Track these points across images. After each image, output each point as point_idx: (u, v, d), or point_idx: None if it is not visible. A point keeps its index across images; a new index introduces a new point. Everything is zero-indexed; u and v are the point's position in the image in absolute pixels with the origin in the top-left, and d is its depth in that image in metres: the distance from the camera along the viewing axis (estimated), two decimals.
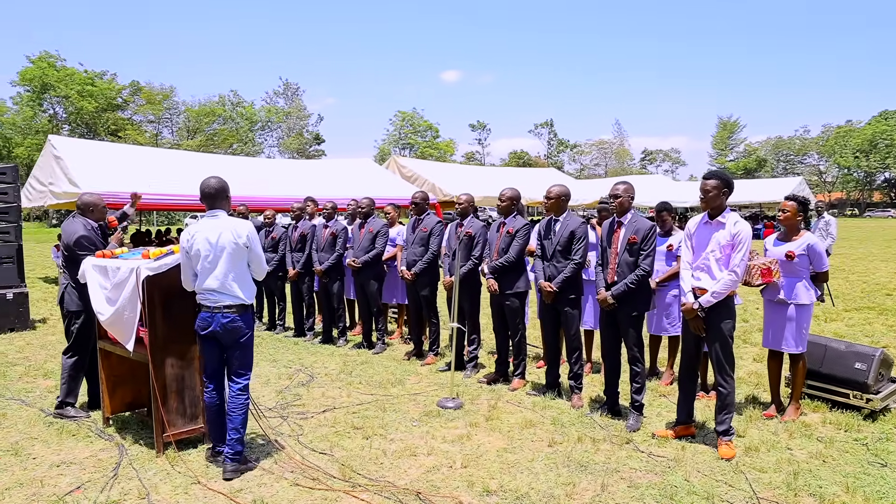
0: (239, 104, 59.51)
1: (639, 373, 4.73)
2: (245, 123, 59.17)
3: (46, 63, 45.13)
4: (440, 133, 66.58)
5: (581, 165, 73.04)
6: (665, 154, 71.74)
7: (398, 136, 66.91)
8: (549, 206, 5.30)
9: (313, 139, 66.81)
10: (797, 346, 4.75)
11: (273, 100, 63.42)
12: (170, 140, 55.86)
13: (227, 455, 3.88)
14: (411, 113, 65.83)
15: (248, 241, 3.91)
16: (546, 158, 70.34)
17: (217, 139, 55.99)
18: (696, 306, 4.17)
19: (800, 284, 4.74)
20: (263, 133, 62.59)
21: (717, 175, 4.23)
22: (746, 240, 4.10)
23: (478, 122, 71.13)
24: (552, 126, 72.01)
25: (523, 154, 68.03)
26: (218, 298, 3.86)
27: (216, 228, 3.86)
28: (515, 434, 4.54)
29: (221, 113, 57.20)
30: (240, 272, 3.91)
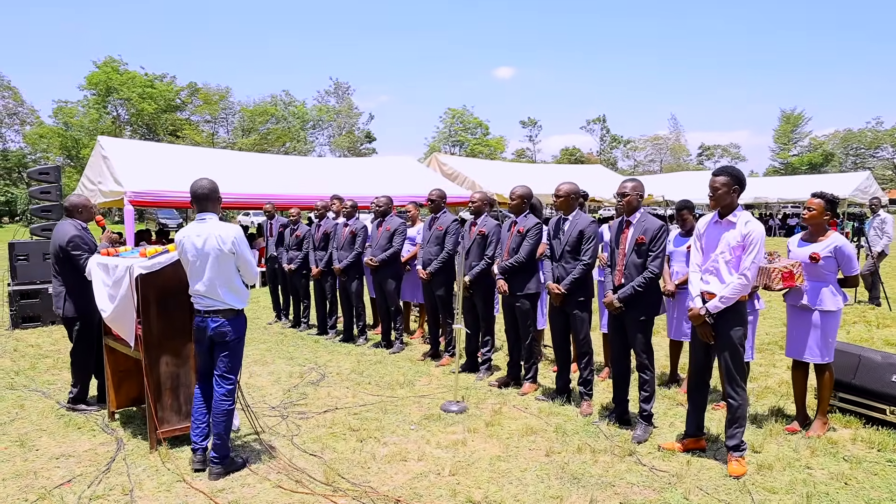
0: (291, 104, 60.66)
1: (647, 380, 4.48)
2: (297, 122, 60.28)
3: (110, 67, 47.19)
4: (490, 130, 66.20)
5: (635, 162, 71.15)
6: (723, 149, 69.11)
7: (448, 134, 66.82)
8: (558, 204, 5.08)
9: (364, 137, 67.50)
10: (822, 355, 4.40)
11: (324, 99, 64.38)
12: (225, 139, 57.47)
13: (212, 459, 3.86)
14: (461, 110, 65.61)
15: (233, 247, 3.85)
16: (598, 155, 68.91)
17: (270, 138, 57.23)
18: (703, 312, 3.90)
19: (825, 289, 4.38)
20: (315, 132, 63.60)
21: (727, 171, 3.94)
22: (758, 241, 3.80)
23: (528, 119, 70.26)
24: (605, 122, 70.53)
25: (575, 151, 66.81)
26: (207, 303, 3.84)
27: (202, 233, 3.83)
28: (514, 441, 4.38)
29: (274, 112, 58.43)
30: (227, 277, 3.86)
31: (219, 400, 3.89)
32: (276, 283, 9.07)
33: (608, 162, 68.47)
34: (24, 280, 8.75)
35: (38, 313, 8.71)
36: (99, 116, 47.43)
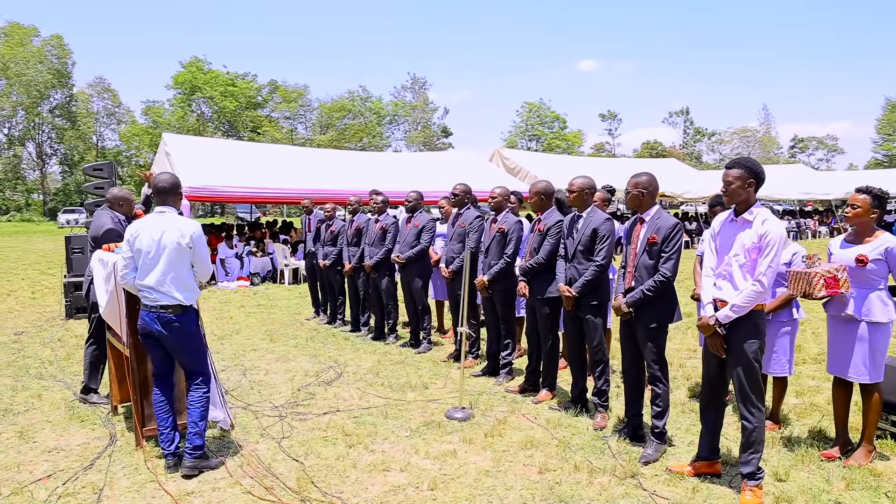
0: (367, 99, 61.71)
1: (660, 394, 4.04)
2: (373, 118, 61.29)
3: (195, 67, 49.73)
4: (567, 124, 64.82)
5: (720, 155, 67.60)
6: (819, 141, 64.38)
7: (524, 128, 66.00)
8: (571, 200, 4.70)
9: (441, 132, 67.76)
10: (869, 374, 3.82)
11: (400, 94, 65.15)
12: (304, 135, 59.22)
13: (186, 450, 3.82)
14: (538, 104, 64.61)
15: (191, 242, 3.78)
16: (681, 148, 65.99)
17: (347, 133, 58.52)
18: (712, 321, 3.45)
19: (874, 297, 3.80)
20: (391, 127, 64.46)
21: (740, 163, 3.46)
22: (776, 242, 3.30)
23: (608, 112, 68.26)
24: (688, 114, 67.45)
25: (656, 144, 64.27)
26: (156, 297, 3.77)
27: (161, 226, 3.77)
28: (509, 455, 4.06)
29: (351, 108, 59.67)
30: (180, 272, 3.78)
31: (191, 389, 3.93)
32: (314, 279, 9.08)
33: (692, 156, 65.52)
34: (78, 272, 9.14)
35: (86, 305, 9.09)
36: (184, 114, 50.03)
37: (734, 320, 3.39)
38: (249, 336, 7.81)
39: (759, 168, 3.43)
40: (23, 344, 7.34)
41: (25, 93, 43.60)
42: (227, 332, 8.05)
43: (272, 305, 10.34)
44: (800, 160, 59.09)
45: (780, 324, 4.34)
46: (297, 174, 13.68)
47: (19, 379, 5.86)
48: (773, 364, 4.38)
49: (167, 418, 3.91)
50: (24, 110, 45.25)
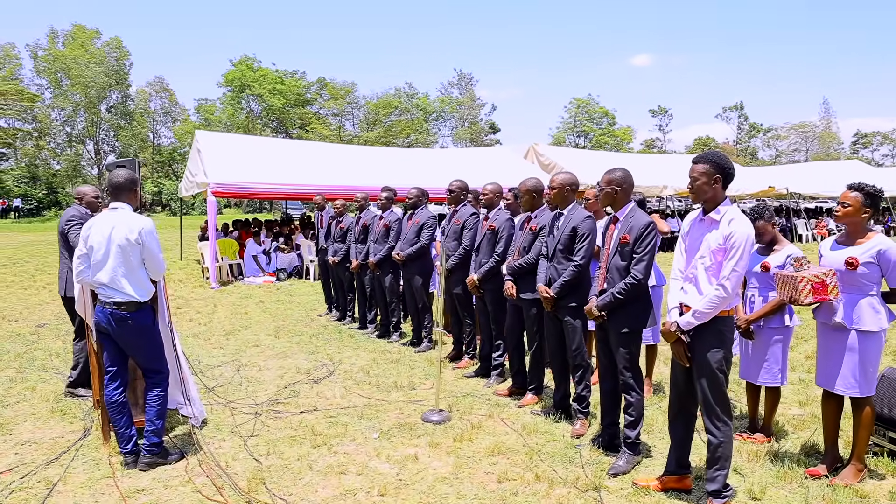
0: (413, 95, 61.80)
1: (632, 403, 3.82)
2: (420, 114, 61.35)
3: (245, 65, 50.87)
4: (617, 120, 63.36)
5: (776, 151, 64.81)
6: (884, 136, 60.93)
7: (573, 124, 64.90)
8: (552, 196, 4.51)
9: (488, 128, 67.38)
10: (859, 387, 3.50)
11: (447, 90, 64.97)
12: (351, 132, 59.74)
13: (144, 447, 3.85)
14: (586, 100, 63.38)
15: (140, 238, 3.76)
16: (735, 144, 63.65)
17: (394, 130, 58.79)
18: (673, 328, 3.22)
19: (864, 303, 3.48)
20: (437, 123, 64.37)
21: (707, 158, 3.21)
22: (741, 244, 3.04)
23: (658, 108, 66.35)
24: (742, 109, 64.90)
25: (709, 140, 62.07)
26: (109, 294, 3.77)
27: (111, 222, 3.77)
28: (473, 461, 3.92)
29: (398, 105, 59.85)
30: (131, 269, 3.77)
31: (148, 388, 3.94)
32: (327, 276, 9.09)
33: (747, 152, 63.16)
34: None
35: None
36: (233, 112, 51.28)
37: (697, 327, 3.16)
38: (257, 332, 7.87)
39: (727, 163, 3.18)
40: (39, 336, 7.60)
41: (84, 93, 45.52)
42: (237, 328, 8.14)
43: (290, 301, 10.42)
44: (863, 156, 56.13)
45: (771, 331, 4.05)
46: (326, 171, 13.76)
47: (22, 370, 6.04)
48: (763, 374, 4.09)
49: (120, 418, 3.90)
50: (84, 110, 47.25)
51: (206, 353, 6.76)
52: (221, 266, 12.92)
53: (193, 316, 9.02)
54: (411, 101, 61.64)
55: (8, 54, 47.97)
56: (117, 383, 3.94)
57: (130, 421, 3.95)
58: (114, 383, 3.92)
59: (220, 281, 12.44)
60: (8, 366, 6.28)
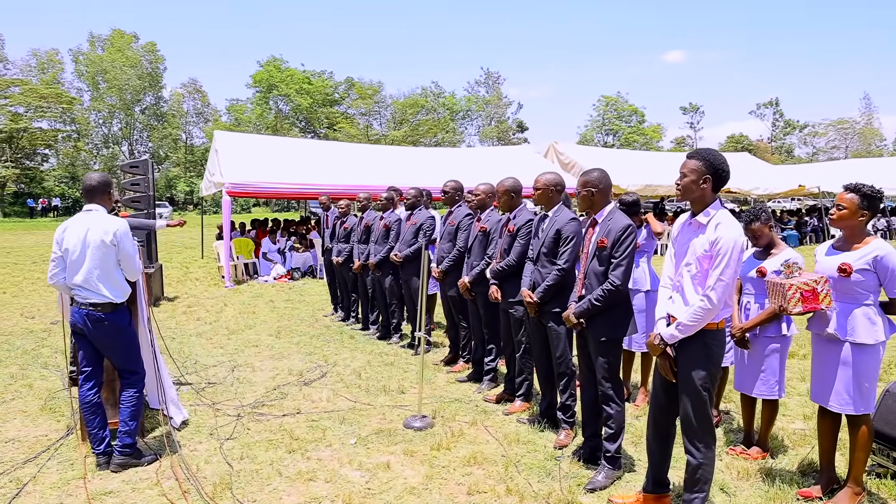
0: (440, 95, 61.77)
1: (612, 415, 3.64)
2: (447, 113, 61.29)
3: (273, 66, 51.51)
4: (646, 118, 62.42)
5: (814, 148, 62.94)
6: None
7: (601, 123, 64.13)
8: (536, 197, 4.34)
9: (516, 127, 66.98)
10: (854, 403, 3.27)
11: (474, 89, 64.78)
12: (378, 131, 60.00)
13: (117, 447, 3.84)
14: (615, 98, 62.54)
15: (115, 240, 3.75)
16: (769, 142, 62.06)
17: (421, 129, 58.85)
18: (656, 341, 3.03)
19: (859, 314, 3.24)
20: (464, 122, 64.25)
21: (700, 155, 3.00)
22: (727, 251, 2.82)
23: (690, 105, 65.12)
24: (777, 105, 63.21)
25: (742, 138, 60.54)
26: (85, 295, 3.76)
27: (86, 224, 3.77)
28: (446, 472, 3.79)
29: (424, 104, 59.90)
30: (107, 270, 3.76)
31: (123, 388, 3.93)
32: (332, 276, 9.04)
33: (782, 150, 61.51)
34: None
35: None
36: (262, 112, 51.95)
37: (682, 341, 2.96)
38: (259, 332, 7.86)
39: (720, 164, 2.95)
40: (50, 333, 7.70)
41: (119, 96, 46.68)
42: (241, 327, 8.14)
43: (300, 301, 10.41)
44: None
45: (767, 340, 3.82)
46: (342, 170, 13.75)
47: (25, 368, 6.12)
48: (759, 385, 3.87)
49: (94, 418, 3.90)
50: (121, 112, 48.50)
51: (206, 353, 6.76)
52: (237, 265, 13.01)
53: (202, 315, 9.06)
54: (438, 100, 61.61)
55: (52, 59, 49.59)
56: (91, 384, 3.92)
57: (104, 422, 3.93)
58: (88, 383, 3.91)
59: (235, 280, 12.53)
60: (13, 362, 6.37)
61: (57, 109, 45.01)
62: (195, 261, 16.48)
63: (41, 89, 43.84)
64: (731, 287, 2.85)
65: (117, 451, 3.83)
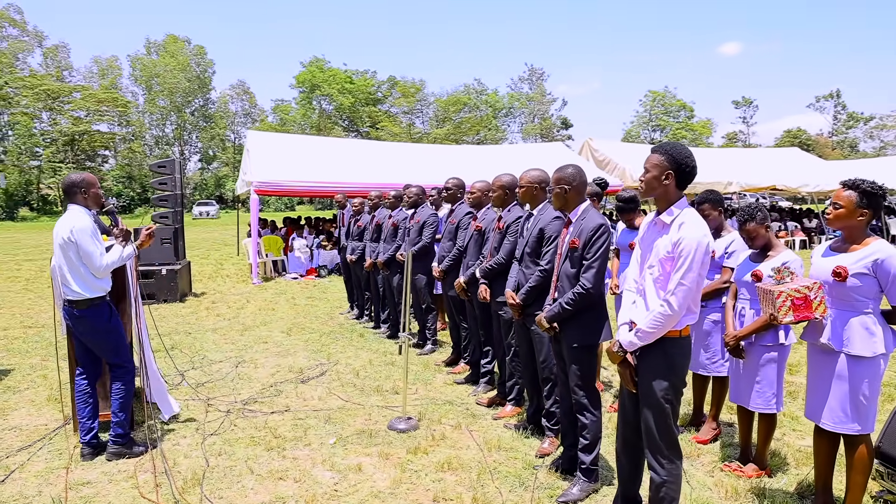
0: (482, 92, 61.49)
1: (587, 425, 3.47)
2: (490, 111, 60.99)
3: (316, 66, 52.26)
4: (696, 113, 60.61)
5: (881, 142, 59.77)
6: None
7: (648, 118, 62.63)
8: (521, 195, 4.19)
9: (561, 124, 66.14)
10: (849, 422, 3.01)
11: (517, 86, 64.23)
12: (421, 130, 60.21)
13: (110, 437, 3.96)
14: (662, 93, 60.98)
15: (72, 237, 3.77)
16: (830, 136, 59.36)
17: (464, 127, 58.76)
18: (615, 348, 2.86)
19: (856, 323, 2.98)
20: (507, 120, 63.81)
21: (663, 149, 2.80)
22: (690, 253, 2.62)
23: (743, 99, 62.84)
24: (839, 97, 60.32)
25: (800, 133, 58.00)
26: (64, 291, 3.87)
27: (59, 223, 3.87)
28: (418, 476, 3.70)
29: (467, 102, 59.77)
30: (73, 266, 3.82)
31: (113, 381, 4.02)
32: (348, 274, 9.05)
33: (844, 144, 58.75)
34: (144, 262, 9.82)
35: (153, 291, 9.71)
36: (305, 112, 52.84)
37: (643, 350, 2.78)
38: (272, 329, 7.92)
39: (684, 159, 2.75)
40: None
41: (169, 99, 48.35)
42: (257, 324, 8.23)
43: (321, 298, 10.47)
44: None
45: (763, 349, 3.58)
46: (368, 168, 13.79)
47: (46, 359, 6.33)
48: (755, 398, 3.62)
49: (85, 408, 3.99)
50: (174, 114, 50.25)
51: (216, 348, 6.85)
52: (265, 262, 13.19)
53: (223, 311, 9.21)
54: (480, 97, 61.36)
55: (111, 65, 51.76)
56: (84, 374, 4.04)
57: (94, 412, 4.01)
58: (81, 374, 4.04)
59: (263, 277, 12.71)
60: (37, 353, 6.61)
61: (114, 113, 46.93)
62: (230, 258, 16.85)
63: (99, 94, 45.80)
64: (694, 292, 2.65)
65: (111, 440, 3.95)
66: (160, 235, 9.88)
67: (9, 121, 44.41)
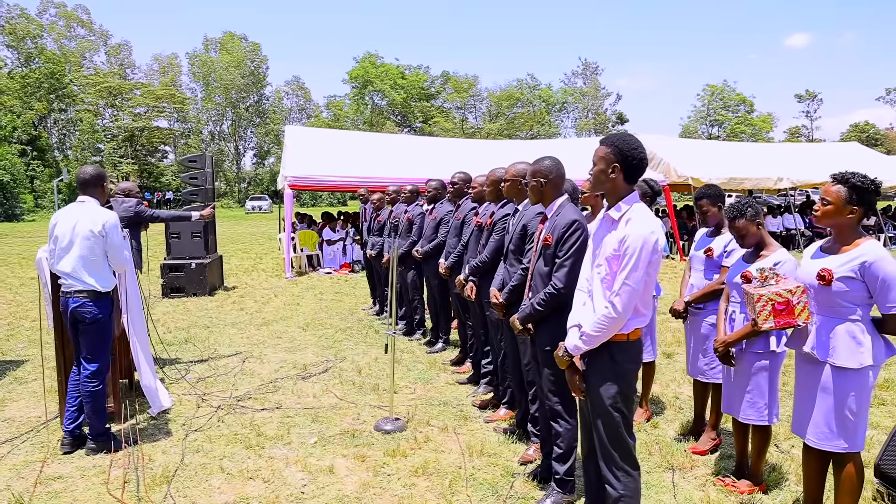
0: (535, 87, 60.73)
1: (560, 433, 3.28)
2: (543, 106, 60.22)
3: (368, 62, 52.73)
4: (755, 107, 58.12)
5: None
6: None
7: (705, 113, 60.53)
8: (505, 189, 4.03)
9: (616, 119, 64.75)
10: (835, 438, 2.73)
11: (571, 81, 63.18)
12: (474, 125, 60.01)
13: (89, 433, 3.98)
14: (721, 86, 58.75)
15: (103, 231, 3.85)
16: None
17: (517, 123, 58.26)
18: (560, 352, 2.68)
19: (842, 331, 2.70)
20: (560, 115, 62.88)
21: (609, 141, 2.59)
22: (635, 251, 2.42)
23: (807, 92, 59.87)
24: None
25: (867, 127, 54.88)
26: (70, 283, 3.88)
27: (76, 215, 3.89)
28: (389, 481, 3.59)
29: (520, 97, 59.16)
30: (93, 260, 3.86)
31: (83, 381, 3.95)
32: (370, 269, 9.03)
33: None
34: (176, 255, 10.08)
35: (182, 285, 9.94)
36: (358, 107, 53.45)
37: (590, 354, 2.60)
38: (290, 324, 7.96)
39: (632, 150, 2.54)
40: None
41: (225, 95, 49.80)
42: (277, 318, 8.29)
43: (348, 293, 10.49)
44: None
45: (753, 356, 3.30)
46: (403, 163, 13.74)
47: None
48: (747, 408, 3.35)
49: (77, 397, 4.03)
50: (230, 110, 51.76)
51: (229, 343, 6.92)
52: (300, 257, 13.35)
53: (248, 305, 9.33)
54: (533, 92, 60.63)
55: (171, 62, 53.71)
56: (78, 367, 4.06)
57: (77, 404, 4.03)
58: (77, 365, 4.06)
59: (297, 271, 12.86)
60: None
61: (172, 109, 48.72)
62: (271, 252, 17.14)
63: (158, 90, 47.58)
64: (640, 293, 2.45)
65: (89, 437, 3.97)
66: (192, 230, 10.11)
67: (73, 117, 46.65)
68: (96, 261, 3.88)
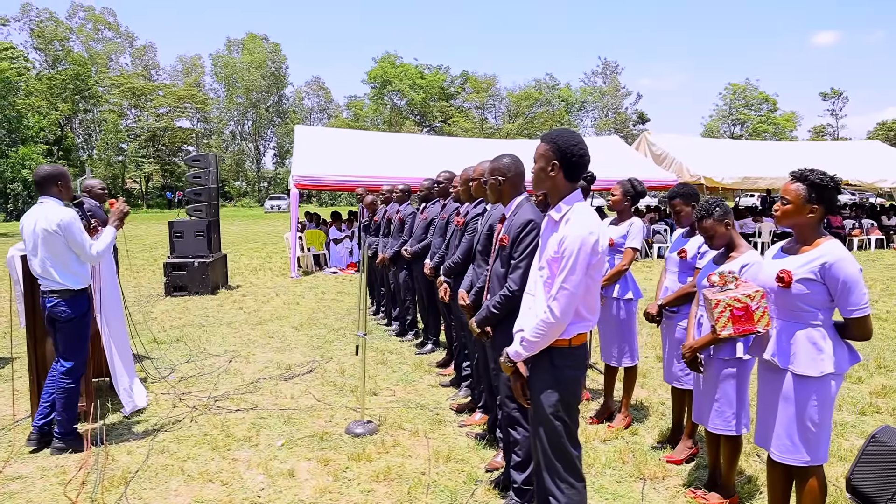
0: (554, 87, 60.30)
1: (518, 440, 3.18)
2: (562, 105, 59.79)
3: (387, 62, 52.82)
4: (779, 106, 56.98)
5: None
6: None
7: (728, 112, 59.54)
8: (473, 189, 3.96)
9: (637, 118, 64.02)
10: (797, 451, 2.59)
11: (591, 80, 62.59)
12: (493, 125, 59.75)
13: (55, 432, 3.96)
14: (743, 85, 57.70)
15: (59, 230, 3.81)
16: None
17: (536, 122, 57.87)
18: (503, 358, 2.57)
19: (802, 337, 2.56)
20: (579, 114, 62.33)
21: (548, 137, 2.49)
22: (572, 253, 2.31)
23: (832, 90, 58.46)
24: None
25: (895, 125, 53.48)
26: (45, 284, 3.90)
27: (35, 216, 3.88)
28: (349, 486, 3.52)
29: (539, 97, 58.79)
30: (59, 258, 3.85)
31: (57, 378, 3.95)
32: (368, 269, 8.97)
33: None
34: (179, 254, 10.13)
35: (185, 283, 9.98)
36: (377, 107, 53.59)
37: (532, 361, 2.49)
38: (284, 324, 7.94)
39: (571, 146, 2.42)
40: None
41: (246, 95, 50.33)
42: (272, 318, 8.28)
43: (350, 293, 10.45)
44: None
45: (721, 363, 3.17)
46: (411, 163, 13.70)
47: None
48: (714, 417, 3.22)
49: (52, 393, 4.02)
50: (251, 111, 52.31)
51: (220, 342, 6.91)
52: (307, 256, 13.36)
53: (248, 304, 9.34)
54: (552, 91, 60.21)
55: (195, 63, 54.44)
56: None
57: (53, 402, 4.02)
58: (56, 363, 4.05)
59: (303, 271, 12.87)
60: None
61: (193, 109, 49.37)
62: (282, 251, 17.20)
63: (180, 91, 48.25)
64: (579, 297, 2.34)
65: (55, 435, 3.96)
66: (195, 229, 10.15)
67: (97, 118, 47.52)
68: (61, 259, 3.87)
